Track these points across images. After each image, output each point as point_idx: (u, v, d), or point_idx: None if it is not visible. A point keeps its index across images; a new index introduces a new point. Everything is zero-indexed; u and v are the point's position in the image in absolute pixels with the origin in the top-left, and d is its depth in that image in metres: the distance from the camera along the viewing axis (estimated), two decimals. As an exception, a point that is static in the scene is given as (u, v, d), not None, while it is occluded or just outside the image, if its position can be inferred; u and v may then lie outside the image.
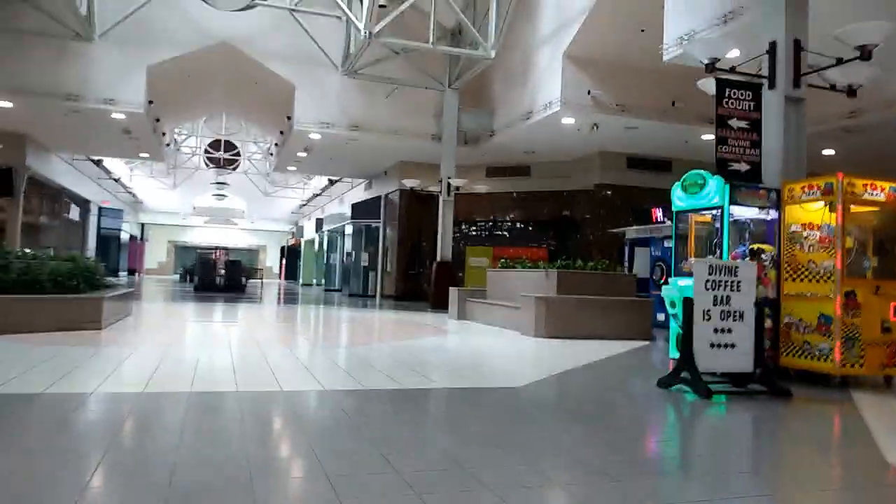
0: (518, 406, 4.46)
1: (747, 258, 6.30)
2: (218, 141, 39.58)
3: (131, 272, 41.52)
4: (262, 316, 12.36)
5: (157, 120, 18.78)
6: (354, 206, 24.72)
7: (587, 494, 2.59)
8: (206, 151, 39.50)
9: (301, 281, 38.63)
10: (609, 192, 18.32)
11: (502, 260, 12.83)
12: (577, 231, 19.50)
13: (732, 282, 5.38)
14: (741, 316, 5.37)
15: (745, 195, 6.46)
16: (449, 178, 16.55)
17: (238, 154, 40.18)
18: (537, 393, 5.00)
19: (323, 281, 32.86)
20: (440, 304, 16.22)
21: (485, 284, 19.84)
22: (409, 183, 16.54)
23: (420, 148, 18.84)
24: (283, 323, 11.11)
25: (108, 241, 34.04)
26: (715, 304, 5.30)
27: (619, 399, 5.14)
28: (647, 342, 9.44)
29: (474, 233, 21.25)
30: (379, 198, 23.22)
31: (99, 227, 31.79)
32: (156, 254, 51.81)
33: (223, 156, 38.56)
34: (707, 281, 5.29)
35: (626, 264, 14.15)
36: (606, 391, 5.56)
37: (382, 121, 17.71)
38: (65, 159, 24.02)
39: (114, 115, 16.37)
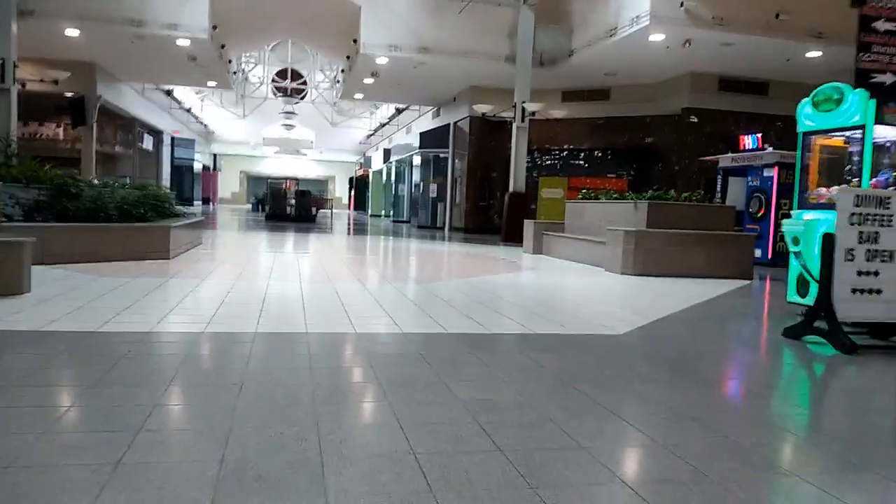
0: (626, 360, 3.81)
1: (891, 188, 5.33)
2: (285, 70, 39.20)
3: (205, 201, 42.39)
4: (332, 247, 12.01)
5: (223, 46, 18.33)
6: (422, 136, 23.97)
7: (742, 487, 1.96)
8: (274, 80, 39.21)
9: (370, 212, 38.54)
10: (695, 118, 16.90)
11: (583, 191, 11.95)
12: (660, 160, 18.25)
13: (883, 216, 4.48)
14: (891, 256, 4.49)
15: (892, 112, 5.41)
16: (523, 102, 15.54)
17: (305, 83, 39.74)
18: (644, 343, 4.33)
19: (391, 212, 32.57)
20: (512, 238, 15.55)
21: (559, 217, 19.01)
22: (481, 109, 15.64)
23: (492, 71, 17.78)
24: (353, 255, 10.71)
25: (181, 171, 34.58)
26: (860, 243, 4.44)
27: (747, 355, 4.40)
28: (747, 281, 8.56)
29: (548, 162, 20.24)
30: (448, 126, 22.37)
31: (172, 157, 32.23)
32: (229, 184, 52.81)
33: (290, 85, 38.18)
34: (852, 214, 4.42)
35: (719, 195, 13.02)
36: (728, 343, 4.83)
37: (452, 42, 16.70)
38: (135, 89, 24.07)
39: (178, 42, 15.97)
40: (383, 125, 36.80)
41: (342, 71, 21.83)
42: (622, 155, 19.20)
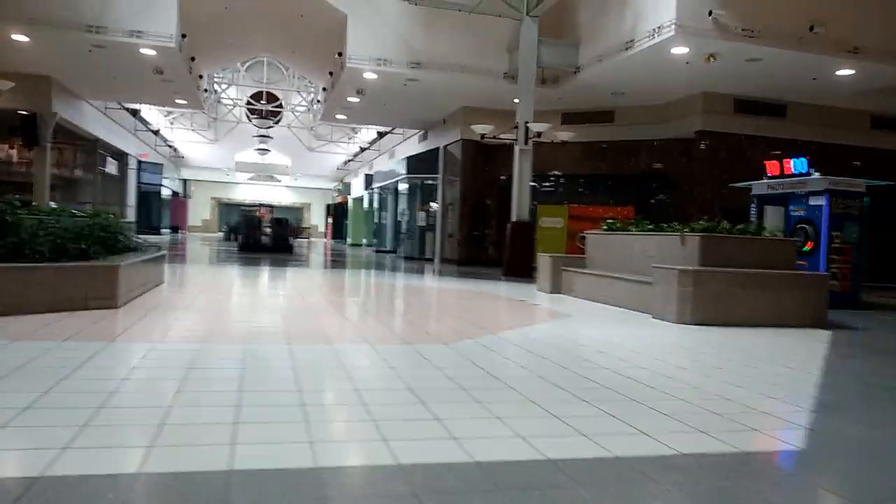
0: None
1: None
2: (260, 92, 37.63)
3: (174, 229, 40.30)
4: (319, 286, 10.30)
5: (193, 59, 16.71)
6: (410, 160, 22.45)
7: None
8: (248, 103, 37.59)
9: (349, 241, 36.79)
10: (706, 143, 15.62)
11: (609, 221, 10.45)
12: (670, 187, 16.92)
13: None
14: None
15: None
16: (527, 122, 14.11)
17: (281, 106, 38.19)
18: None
19: (374, 241, 30.88)
20: (516, 272, 14.03)
21: (559, 249, 17.58)
22: (481, 129, 14.16)
23: (487, 91, 16.42)
24: (347, 297, 9.00)
25: (148, 197, 32.62)
26: None
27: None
28: (831, 332, 7.05)
29: (547, 188, 18.84)
30: (436, 150, 20.89)
31: (139, 182, 30.28)
32: (200, 210, 50.76)
33: (266, 107, 36.57)
34: None
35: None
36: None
37: (447, 56, 15.30)
38: (97, 108, 22.26)
39: (143, 51, 14.32)
40: (364, 150, 35.32)
41: (323, 89, 20.29)
42: (628, 181, 17.88)
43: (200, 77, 19.02)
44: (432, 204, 21.81)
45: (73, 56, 15.06)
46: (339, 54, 15.49)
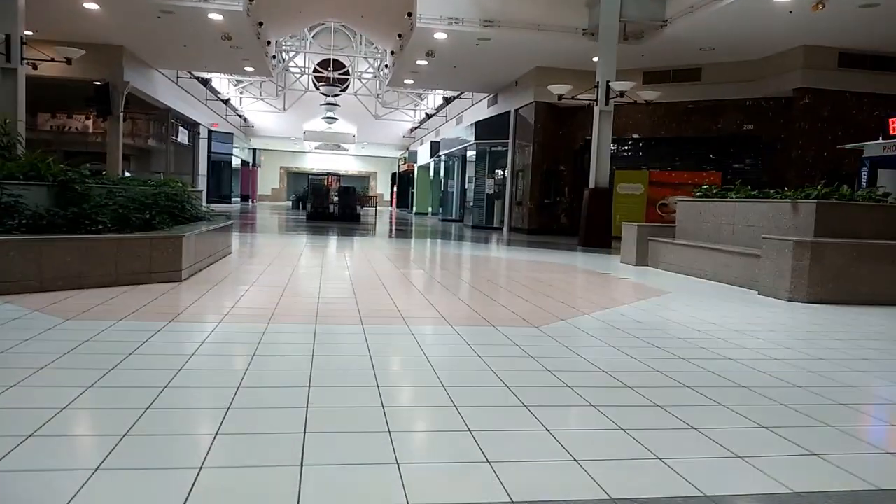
0: None
1: None
2: (327, 60, 37.36)
3: (244, 198, 40.86)
4: (390, 257, 9.84)
5: (261, 24, 16.35)
6: (478, 125, 21.68)
7: None
8: (316, 71, 37.41)
9: (414, 209, 36.44)
10: (807, 100, 14.25)
11: (704, 186, 9.53)
12: (763, 150, 15.65)
13: None
14: None
15: None
16: (608, 81, 13.15)
17: (348, 73, 37.85)
18: None
19: (439, 210, 30.38)
20: (593, 242, 13.24)
21: (637, 217, 16.60)
22: (558, 89, 13.28)
23: (564, 49, 15.46)
24: (418, 269, 8.50)
25: (219, 167, 32.98)
26: None
27: None
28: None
29: (625, 153, 17.81)
30: (507, 114, 20.05)
31: (210, 152, 30.59)
32: (269, 180, 51.38)
33: (333, 74, 36.30)
34: None
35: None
36: None
37: (521, 13, 14.41)
38: (169, 77, 22.34)
39: (211, 16, 14.02)
40: (430, 116, 34.66)
41: (391, 53, 19.67)
42: (715, 144, 16.64)
43: (269, 43, 18.72)
44: (500, 171, 21.07)
45: (143, 23, 14.93)
46: (409, 14, 14.81)
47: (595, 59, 15.63)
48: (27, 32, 13.71)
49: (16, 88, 11.34)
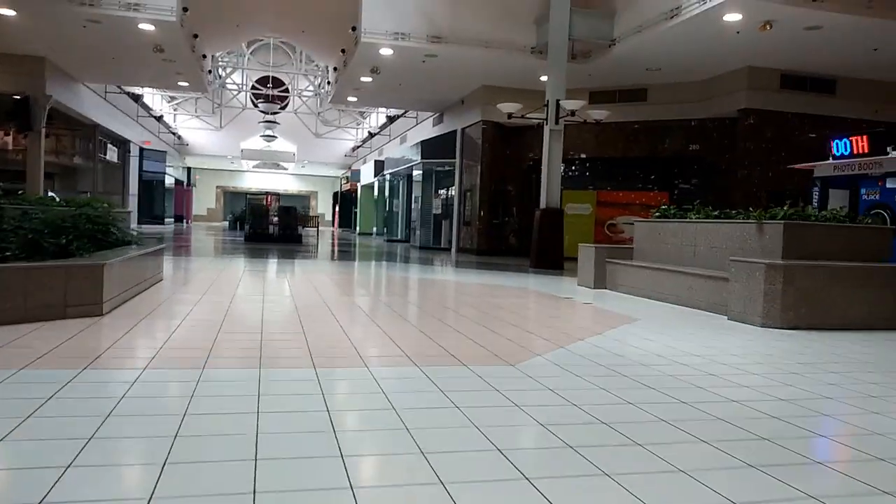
0: None
1: None
2: (266, 77, 36.46)
3: (178, 219, 39.29)
4: (339, 283, 9.21)
5: (196, 37, 15.57)
6: (424, 144, 21.29)
7: None
8: (254, 87, 36.44)
9: (358, 229, 35.70)
10: (752, 121, 14.41)
11: (663, 207, 9.31)
12: (709, 170, 15.76)
13: None
14: None
15: None
16: (558, 99, 12.94)
17: (287, 91, 37.02)
18: None
19: (384, 230, 29.80)
20: (546, 263, 12.92)
21: (586, 238, 16.45)
22: (508, 108, 12.99)
23: (512, 67, 15.26)
24: (373, 296, 7.90)
25: (151, 186, 31.54)
26: None
27: None
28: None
29: (573, 173, 17.68)
30: (453, 134, 19.73)
31: (141, 171, 29.19)
32: (205, 200, 49.76)
33: (272, 92, 35.41)
34: None
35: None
36: None
37: (469, 30, 14.13)
38: (97, 91, 21.15)
39: (142, 26, 13.20)
40: (373, 135, 34.16)
41: (334, 69, 19.12)
42: (661, 164, 16.72)
43: (204, 57, 17.89)
44: (447, 190, 20.71)
45: (67, 33, 13.96)
46: (353, 29, 14.33)
47: (543, 77, 15.47)
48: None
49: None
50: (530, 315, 6.32)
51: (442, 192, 21.10)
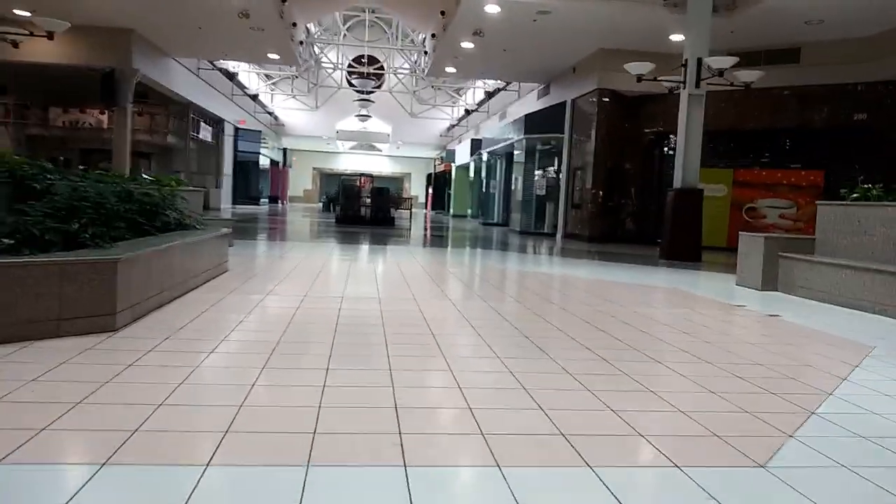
0: None
1: None
2: (360, 56, 35.44)
3: (273, 200, 39.13)
4: (443, 281, 7.55)
5: (284, 1, 14.26)
6: (528, 118, 19.34)
7: None
8: (350, 66, 35.46)
9: (451, 212, 34.17)
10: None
11: (864, 187, 7.06)
12: (882, 143, 13.00)
13: None
14: None
15: None
16: (700, 58, 10.73)
17: (382, 69, 35.82)
18: None
19: (479, 213, 28.09)
20: (681, 254, 10.82)
21: (719, 223, 14.12)
22: (637, 68, 10.90)
23: (636, 25, 13.09)
24: (494, 307, 6.13)
25: (246, 167, 31.18)
26: None
27: None
28: None
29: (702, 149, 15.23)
30: (562, 106, 17.67)
31: (236, 151, 28.77)
32: (301, 181, 49.83)
33: (367, 69, 34.29)
34: None
35: None
36: None
37: (590, -19, 12.05)
38: (188, 68, 20.45)
39: (223, -15, 11.98)
40: (470, 112, 32.42)
41: (432, 36, 17.44)
42: (813, 137, 14.06)
43: (294, 26, 16.65)
44: (552, 169, 18.71)
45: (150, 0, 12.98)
46: (454, -16, 12.60)
47: (673, 37, 13.27)
48: (23, 13, 11.88)
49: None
50: (712, 339, 4.40)
51: (547, 170, 19.10)
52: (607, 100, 15.45)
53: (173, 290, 4.83)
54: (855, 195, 6.90)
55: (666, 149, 15.87)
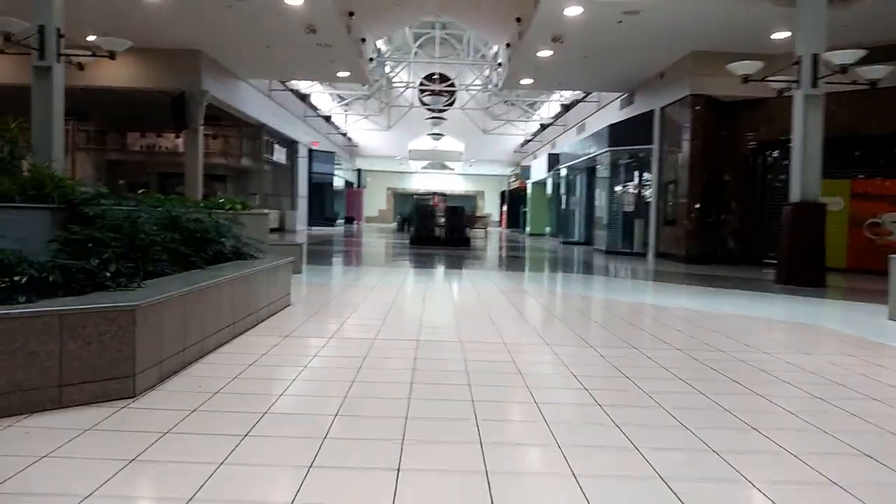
0: None
1: None
2: (431, 74, 35.06)
3: (349, 220, 39.07)
4: (536, 319, 6.57)
5: (351, 14, 13.72)
6: (612, 129, 18.13)
7: None
8: (421, 84, 35.12)
9: (528, 230, 33.03)
10: None
11: None
12: None
13: None
14: None
15: None
16: (816, 54, 9.40)
17: (453, 86, 35.30)
18: None
19: (558, 231, 26.86)
20: (801, 278, 9.38)
21: (836, 240, 12.52)
22: (744, 67, 9.65)
23: (734, 23, 11.83)
24: (609, 352, 5.10)
25: (321, 188, 31.08)
26: None
27: None
28: None
29: (814, 157, 13.66)
30: (649, 115, 16.40)
31: (310, 172, 28.67)
32: (375, 201, 49.93)
33: (438, 87, 33.84)
34: None
35: None
36: None
37: (684, -25, 10.89)
38: (259, 89, 20.31)
39: (288, 1, 11.47)
40: (545, 127, 31.36)
41: (507, 46, 16.55)
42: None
43: (363, 41, 16.14)
44: (640, 183, 17.41)
45: (215, 18, 12.68)
46: (532, -13, 11.69)
47: (776, 35, 11.96)
48: (89, 38, 11.74)
49: (51, 90, 9.10)
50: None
51: (634, 185, 17.81)
52: (700, 107, 14.10)
53: (220, 335, 4.05)
54: None
55: (770, 158, 14.37)
